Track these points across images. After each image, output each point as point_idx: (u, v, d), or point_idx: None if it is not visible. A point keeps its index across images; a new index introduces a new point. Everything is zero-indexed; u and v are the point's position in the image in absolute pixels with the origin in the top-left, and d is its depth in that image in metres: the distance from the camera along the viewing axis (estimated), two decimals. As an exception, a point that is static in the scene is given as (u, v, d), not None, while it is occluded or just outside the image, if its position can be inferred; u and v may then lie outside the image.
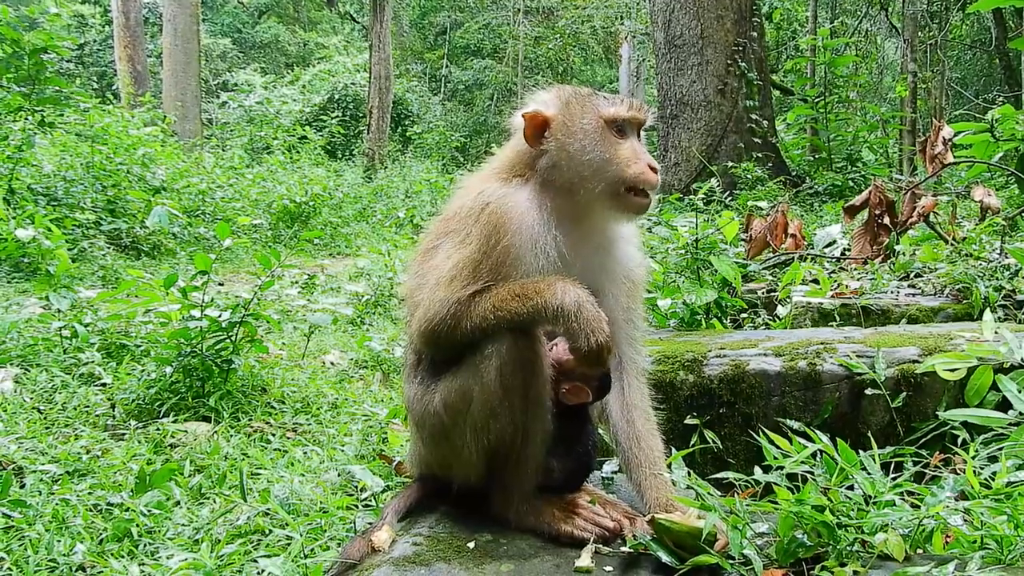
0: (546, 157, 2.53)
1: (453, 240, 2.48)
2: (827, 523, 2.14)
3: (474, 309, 2.35)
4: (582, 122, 2.53)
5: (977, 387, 3.20)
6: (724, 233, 5.35)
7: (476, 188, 2.55)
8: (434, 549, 2.40)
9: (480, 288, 2.37)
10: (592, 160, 2.50)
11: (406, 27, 38.67)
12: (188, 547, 2.97)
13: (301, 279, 8.51)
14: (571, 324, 2.28)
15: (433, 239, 2.60)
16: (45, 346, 5.08)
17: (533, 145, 2.54)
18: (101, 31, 29.77)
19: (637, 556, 2.35)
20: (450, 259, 2.44)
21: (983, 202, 6.08)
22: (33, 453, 3.67)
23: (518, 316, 2.32)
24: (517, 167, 2.59)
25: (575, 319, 2.27)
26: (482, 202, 2.46)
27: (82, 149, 10.78)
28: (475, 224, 2.43)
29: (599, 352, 2.28)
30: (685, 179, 14.16)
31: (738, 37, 14.56)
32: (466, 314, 2.36)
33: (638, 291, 2.77)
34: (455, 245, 2.46)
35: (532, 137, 2.54)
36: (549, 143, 2.53)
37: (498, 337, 2.36)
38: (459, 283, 2.38)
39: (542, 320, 2.33)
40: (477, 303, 2.35)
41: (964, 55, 25.79)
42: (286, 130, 19.58)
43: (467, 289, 2.37)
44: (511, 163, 2.62)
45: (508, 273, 2.39)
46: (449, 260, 2.44)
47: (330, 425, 4.43)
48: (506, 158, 2.66)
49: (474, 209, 2.46)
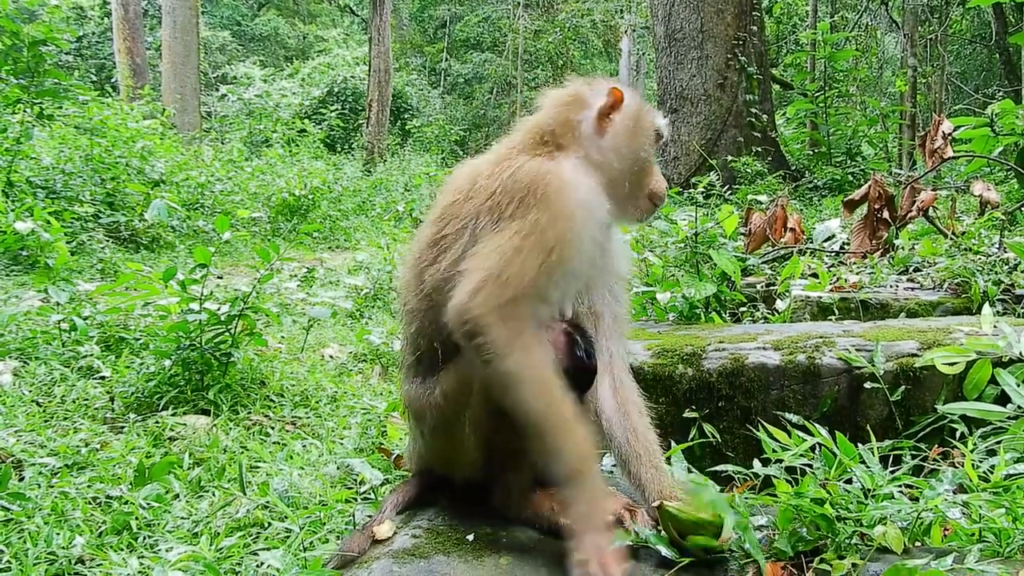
0: (602, 139, 2.50)
1: (488, 217, 2.34)
2: (826, 516, 2.15)
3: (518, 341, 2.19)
4: (645, 122, 2.58)
5: (976, 381, 3.20)
6: (723, 227, 5.35)
7: (513, 160, 2.41)
8: (433, 542, 2.41)
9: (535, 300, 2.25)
10: (640, 159, 2.56)
11: (406, 20, 38.61)
12: (187, 540, 2.98)
13: (300, 272, 8.51)
14: (577, 499, 2.24)
15: (452, 221, 2.45)
16: (44, 339, 5.07)
17: (603, 122, 2.50)
18: (100, 23, 29.72)
19: (637, 549, 2.36)
20: (500, 232, 2.28)
21: (982, 197, 6.08)
22: (32, 446, 3.67)
23: (543, 422, 2.19)
24: (549, 142, 2.48)
25: (584, 501, 2.23)
26: (535, 170, 2.33)
27: (81, 142, 10.75)
28: (526, 194, 2.29)
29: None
30: (685, 173, 14.17)
31: (738, 31, 14.55)
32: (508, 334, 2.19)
33: (624, 284, 2.78)
34: (495, 221, 2.32)
35: (607, 112, 2.50)
36: (609, 128, 2.51)
37: (541, 311, 2.33)
38: (528, 261, 2.21)
39: (552, 456, 2.23)
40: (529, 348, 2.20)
41: (964, 50, 25.76)
42: (285, 123, 19.54)
43: (533, 275, 2.21)
44: (539, 138, 2.51)
45: (572, 251, 2.28)
46: (501, 233, 2.28)
47: (329, 418, 4.43)
48: (534, 133, 2.53)
49: (524, 177, 2.32)
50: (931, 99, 20.99)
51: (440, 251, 2.46)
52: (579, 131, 2.51)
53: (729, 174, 13.22)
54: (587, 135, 2.51)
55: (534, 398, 2.19)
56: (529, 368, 2.19)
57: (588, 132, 2.51)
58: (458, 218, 2.43)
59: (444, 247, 2.45)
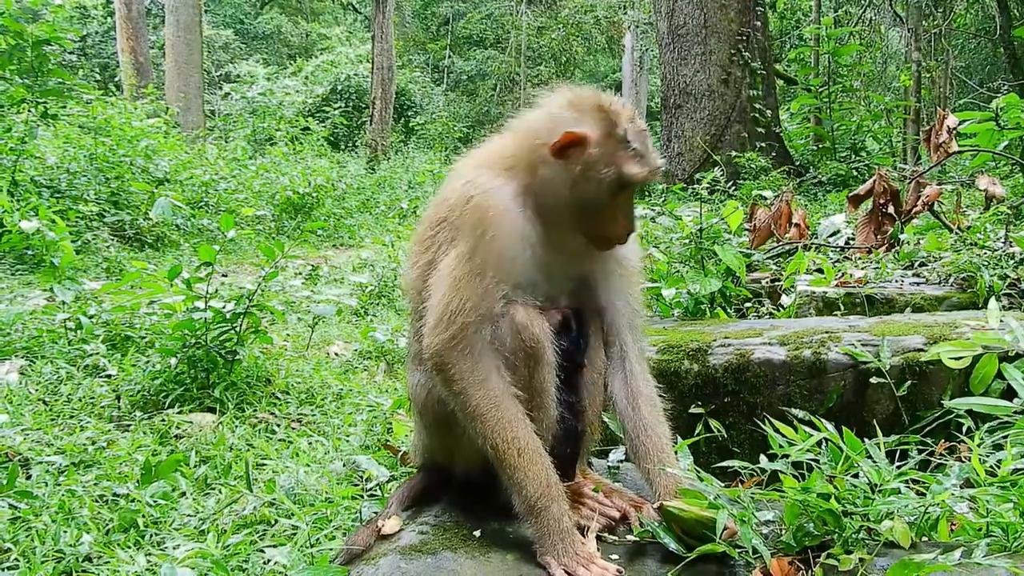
0: (553, 168, 2.44)
1: (446, 233, 2.47)
2: (833, 511, 2.15)
3: (475, 371, 2.34)
4: (603, 169, 2.42)
5: (982, 375, 3.19)
6: (728, 223, 5.35)
7: (464, 176, 2.51)
8: (440, 538, 2.41)
9: (490, 310, 2.35)
10: (588, 207, 2.46)
11: (408, 17, 38.59)
12: (194, 537, 2.98)
13: (305, 270, 8.50)
14: (540, 531, 2.29)
15: (428, 228, 2.57)
16: (50, 338, 5.09)
17: (557, 157, 2.42)
18: (103, 22, 29.70)
19: (643, 544, 2.36)
20: (448, 256, 2.42)
21: (988, 191, 6.07)
22: (39, 444, 3.68)
23: (500, 455, 2.30)
24: (511, 163, 2.51)
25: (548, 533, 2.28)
26: (467, 194, 2.43)
27: (85, 141, 10.76)
28: (459, 216, 2.42)
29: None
30: (689, 169, 14.15)
31: (742, 26, 14.52)
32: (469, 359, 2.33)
33: (634, 277, 2.76)
34: (449, 241, 2.45)
35: (559, 151, 2.42)
36: (568, 161, 2.43)
37: (502, 326, 2.35)
38: (466, 290, 2.34)
39: (512, 489, 2.32)
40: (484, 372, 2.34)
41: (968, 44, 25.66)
42: (289, 121, 19.50)
43: (475, 301, 2.34)
44: (506, 157, 2.53)
45: (499, 267, 2.36)
46: (448, 258, 2.42)
47: (335, 415, 4.44)
48: (502, 150, 2.57)
49: (460, 200, 2.44)
50: (935, 94, 20.93)
51: (422, 251, 2.57)
52: (532, 157, 2.48)
53: (733, 170, 13.20)
54: (538, 163, 2.47)
55: (491, 432, 2.29)
56: (485, 403, 2.31)
57: (539, 161, 2.46)
58: (433, 223, 2.55)
59: (423, 249, 2.57)
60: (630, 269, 2.72)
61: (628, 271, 2.72)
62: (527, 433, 2.32)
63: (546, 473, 2.31)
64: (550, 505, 2.28)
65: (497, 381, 2.33)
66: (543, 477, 2.30)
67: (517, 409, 2.33)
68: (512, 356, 2.36)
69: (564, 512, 2.30)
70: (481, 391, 2.31)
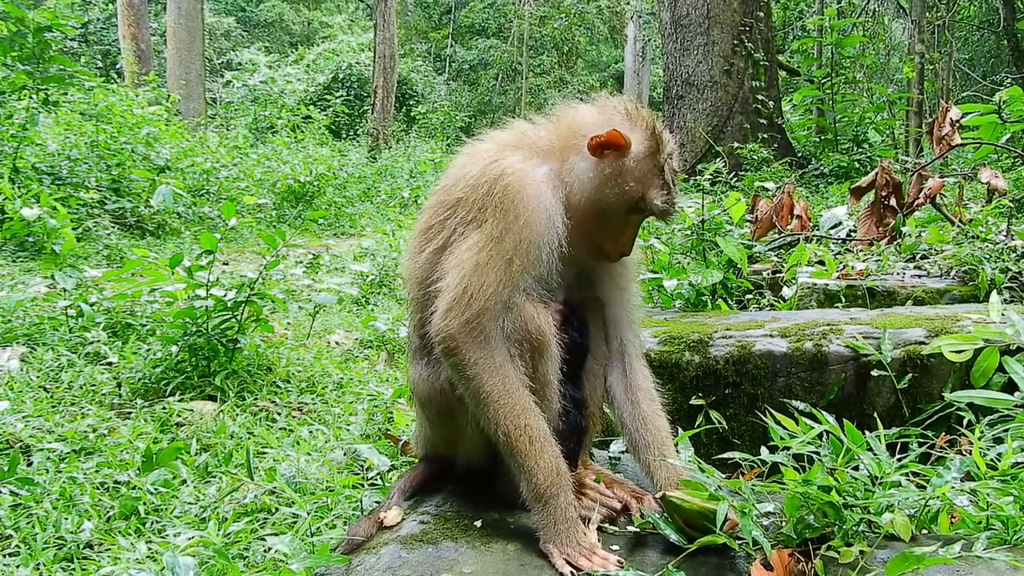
0: (585, 162, 2.44)
1: (464, 214, 2.40)
2: (833, 503, 2.15)
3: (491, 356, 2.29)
4: (631, 183, 2.43)
5: (983, 369, 3.20)
6: (730, 214, 5.34)
7: (491, 156, 2.44)
8: (441, 528, 2.41)
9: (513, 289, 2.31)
10: (600, 213, 2.46)
11: (411, 6, 38.47)
12: (195, 525, 2.99)
13: (306, 259, 8.51)
14: (547, 520, 2.28)
15: (436, 213, 2.52)
16: (51, 325, 5.09)
17: (593, 152, 2.42)
18: (105, 9, 29.64)
19: (644, 535, 2.37)
20: (468, 239, 2.35)
21: (990, 184, 6.04)
22: (40, 431, 3.69)
23: (511, 442, 2.28)
24: (544, 148, 2.49)
25: (555, 521, 2.28)
26: (496, 174, 2.35)
27: (86, 128, 10.76)
28: (486, 197, 2.34)
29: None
30: (691, 160, 14.12)
31: (744, 17, 14.47)
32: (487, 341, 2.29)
33: (631, 273, 2.77)
34: (468, 222, 2.38)
35: (598, 146, 2.41)
36: (601, 160, 2.43)
37: (508, 318, 2.33)
38: (490, 274, 2.29)
39: (521, 477, 2.31)
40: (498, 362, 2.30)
41: (972, 36, 25.59)
42: (290, 110, 19.49)
43: (496, 287, 2.29)
44: (539, 140, 2.52)
45: (528, 255, 2.32)
46: (468, 240, 2.35)
47: (336, 404, 4.44)
48: (535, 135, 2.55)
49: (487, 180, 2.36)
50: (938, 86, 20.87)
51: (426, 240, 2.53)
52: (568, 145, 2.48)
53: (735, 161, 13.16)
54: (572, 153, 2.47)
55: (504, 419, 2.27)
56: (499, 389, 2.28)
57: (574, 150, 2.47)
58: (443, 207, 2.49)
59: (430, 236, 2.51)
60: (628, 265, 2.73)
61: (626, 267, 2.72)
62: (539, 422, 2.31)
63: (556, 462, 2.30)
64: (558, 494, 2.28)
65: (511, 369, 2.31)
66: (553, 466, 2.29)
67: (529, 398, 2.31)
68: (518, 347, 2.34)
69: (570, 502, 2.31)
70: (496, 377, 2.28)
